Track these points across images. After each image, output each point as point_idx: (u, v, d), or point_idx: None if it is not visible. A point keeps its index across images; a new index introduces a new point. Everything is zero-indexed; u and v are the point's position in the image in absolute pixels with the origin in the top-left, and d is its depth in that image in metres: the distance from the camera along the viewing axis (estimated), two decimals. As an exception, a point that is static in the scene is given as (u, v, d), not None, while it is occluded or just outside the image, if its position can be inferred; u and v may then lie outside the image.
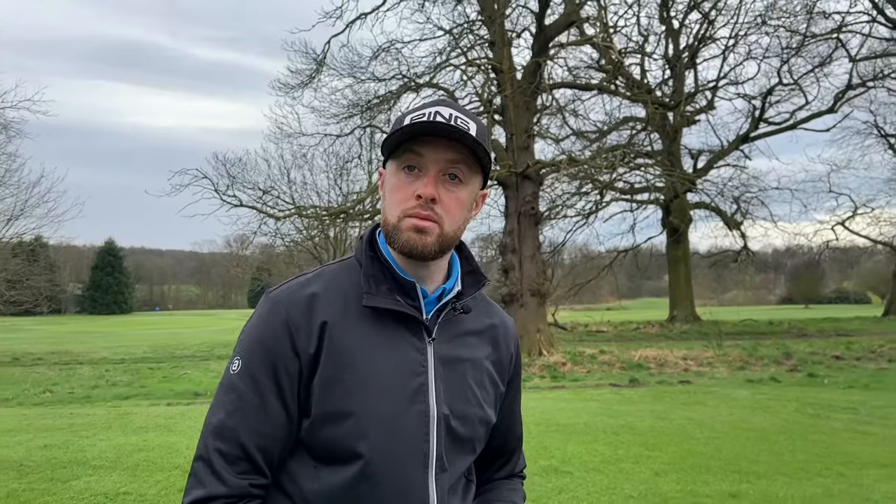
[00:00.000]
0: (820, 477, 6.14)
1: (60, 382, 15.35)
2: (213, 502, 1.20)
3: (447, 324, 1.36)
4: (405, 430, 1.26)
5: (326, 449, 1.25)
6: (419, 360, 1.30)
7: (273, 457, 1.25)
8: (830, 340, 22.98)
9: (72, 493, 5.48)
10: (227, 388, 1.25)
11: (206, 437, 1.24)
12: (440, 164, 1.27)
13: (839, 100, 27.79)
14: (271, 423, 1.23)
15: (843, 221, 33.91)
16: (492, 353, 1.43)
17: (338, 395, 1.23)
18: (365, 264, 1.33)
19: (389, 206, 1.29)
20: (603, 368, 16.38)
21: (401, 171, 1.28)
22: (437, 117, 1.25)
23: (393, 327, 1.30)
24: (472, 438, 1.36)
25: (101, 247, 76.26)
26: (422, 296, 1.33)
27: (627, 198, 30.91)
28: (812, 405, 10.37)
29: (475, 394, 1.37)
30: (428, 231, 1.26)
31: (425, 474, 1.27)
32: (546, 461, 6.66)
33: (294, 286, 1.31)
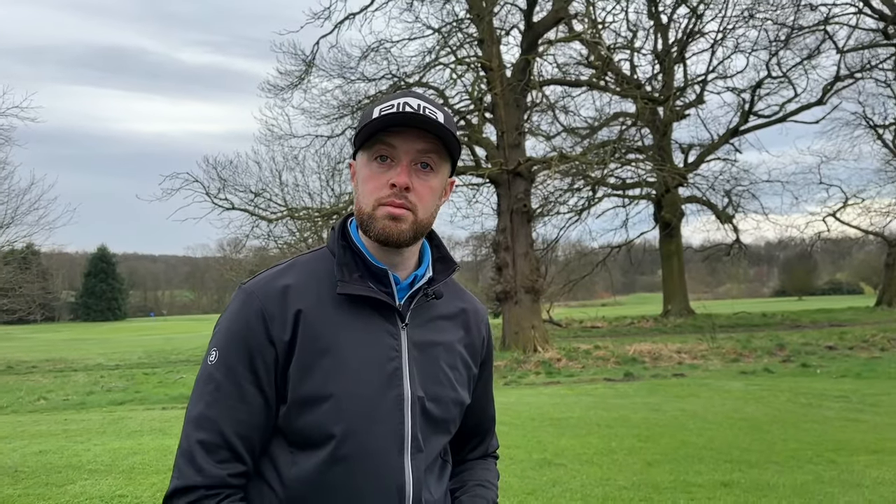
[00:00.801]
0: (811, 464, 6.20)
1: (55, 389, 15.31)
2: (190, 492, 1.23)
3: (419, 309, 1.39)
4: (381, 414, 1.29)
5: (303, 434, 1.27)
6: (393, 345, 1.33)
7: (253, 444, 1.28)
8: (824, 331, 23.08)
9: (67, 497, 5.49)
10: (206, 380, 1.28)
11: (187, 429, 1.27)
12: (412, 153, 1.30)
13: (828, 91, 27.91)
14: (249, 412, 1.26)
15: (834, 213, 34.05)
16: (464, 337, 1.47)
17: (313, 381, 1.26)
18: (338, 254, 1.35)
19: (363, 195, 1.32)
20: (598, 363, 16.44)
21: (373, 162, 1.31)
22: (406, 108, 1.28)
23: (367, 314, 1.33)
24: (447, 419, 1.40)
25: (93, 253, 75.99)
26: (394, 282, 1.36)
27: (619, 193, 30.96)
28: (805, 395, 10.44)
29: (448, 376, 1.40)
30: (402, 218, 1.29)
31: (401, 455, 1.31)
32: (540, 455, 6.70)
33: (267, 277, 1.34)
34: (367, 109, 1.34)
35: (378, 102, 1.33)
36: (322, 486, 1.26)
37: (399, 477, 1.30)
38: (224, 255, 45.80)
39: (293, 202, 22.47)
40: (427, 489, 1.35)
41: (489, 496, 1.51)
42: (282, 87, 21.18)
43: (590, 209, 27.87)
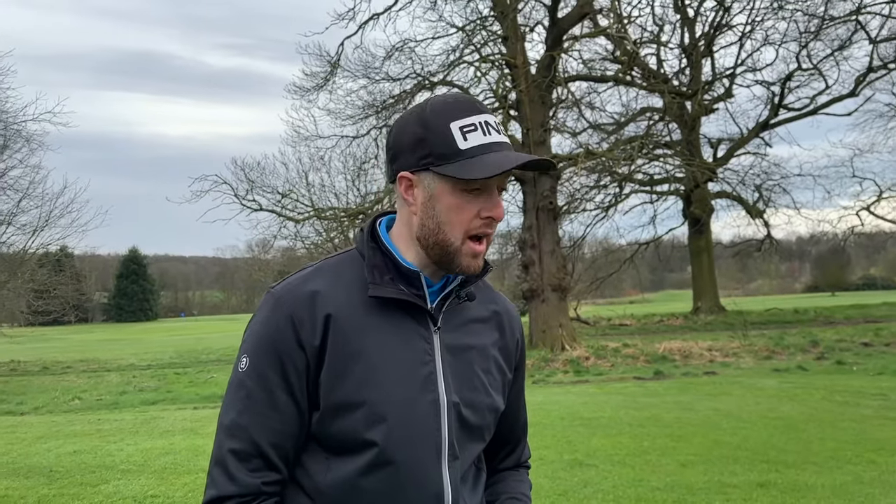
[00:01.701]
0: (850, 465, 6.05)
1: (89, 390, 15.57)
2: (224, 502, 1.21)
3: (452, 312, 1.35)
4: (417, 419, 1.25)
5: (338, 440, 1.24)
6: (426, 348, 1.30)
7: (287, 452, 1.25)
8: (858, 327, 22.62)
9: (101, 496, 5.55)
10: (237, 387, 1.25)
11: (220, 438, 1.25)
12: (500, 181, 1.29)
13: (860, 83, 27.34)
14: (282, 419, 1.23)
15: (867, 206, 33.28)
16: (498, 340, 1.43)
17: (348, 386, 1.23)
18: (368, 256, 1.32)
19: (450, 225, 1.26)
20: (627, 362, 16.27)
21: (462, 192, 1.26)
22: (491, 131, 1.26)
23: (398, 317, 1.29)
24: (482, 426, 1.36)
25: (125, 255, 77.25)
26: (426, 285, 1.32)
27: (647, 189, 30.66)
28: (841, 393, 10.22)
29: (483, 381, 1.36)
30: (481, 254, 1.31)
31: (439, 463, 1.27)
32: (570, 455, 6.63)
33: (296, 281, 1.30)
34: (439, 123, 1.25)
35: (451, 115, 1.26)
36: (359, 494, 1.23)
37: (437, 485, 1.27)
38: (253, 255, 46.24)
39: (319, 202, 22.62)
40: (463, 498, 1.31)
41: None
42: (307, 88, 21.32)
43: (617, 206, 27.59)
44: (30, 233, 21.97)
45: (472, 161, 1.22)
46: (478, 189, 1.26)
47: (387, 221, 1.39)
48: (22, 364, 23.41)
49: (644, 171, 28.18)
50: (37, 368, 21.92)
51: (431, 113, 1.27)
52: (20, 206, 21.67)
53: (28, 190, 21.66)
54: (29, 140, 21.22)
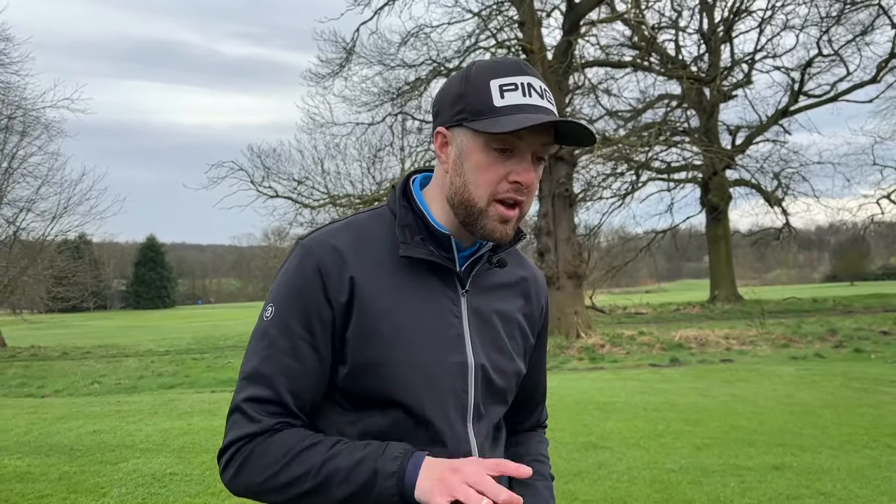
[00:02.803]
0: (867, 449, 6.02)
1: (108, 374, 15.76)
2: (243, 440, 1.21)
3: (480, 276, 1.34)
4: (445, 379, 1.26)
5: (366, 398, 1.25)
6: (454, 310, 1.29)
7: (305, 402, 1.25)
8: (877, 316, 22.40)
9: (120, 474, 5.64)
10: (261, 336, 1.26)
11: (240, 386, 1.25)
12: (535, 146, 1.23)
13: (882, 69, 26.90)
14: (303, 370, 1.23)
15: (888, 195, 32.83)
16: (524, 306, 1.43)
17: (374, 346, 1.23)
18: (399, 214, 1.30)
19: (476, 185, 1.23)
20: (642, 349, 16.23)
21: (492, 150, 1.22)
22: (533, 94, 1.21)
23: (427, 278, 1.29)
24: (506, 389, 1.37)
25: (142, 243, 78.04)
26: (456, 248, 1.31)
27: (664, 177, 30.43)
28: (858, 379, 10.15)
29: (507, 346, 1.36)
30: (511, 220, 1.25)
31: (465, 422, 1.28)
32: (585, 437, 6.64)
33: (327, 234, 1.29)
34: (479, 78, 1.23)
35: (490, 71, 1.23)
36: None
37: (465, 445, 1.27)
38: (269, 243, 46.51)
39: (335, 190, 22.70)
40: (487, 457, 1.32)
41: (545, 471, 1.48)
42: (323, 74, 21.34)
43: (633, 194, 27.41)
44: (49, 219, 22.32)
45: (503, 118, 1.19)
46: (509, 150, 1.21)
47: (421, 179, 1.38)
48: (42, 349, 23.74)
49: (661, 159, 28.01)
50: (57, 354, 22.22)
51: (475, 70, 1.25)
52: (39, 192, 22.02)
53: (47, 177, 21.99)
54: (48, 127, 21.51)
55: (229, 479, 1.22)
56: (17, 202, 22.05)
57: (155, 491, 5.18)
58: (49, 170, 21.95)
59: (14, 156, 21.49)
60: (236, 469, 1.21)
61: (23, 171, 21.78)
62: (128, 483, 5.38)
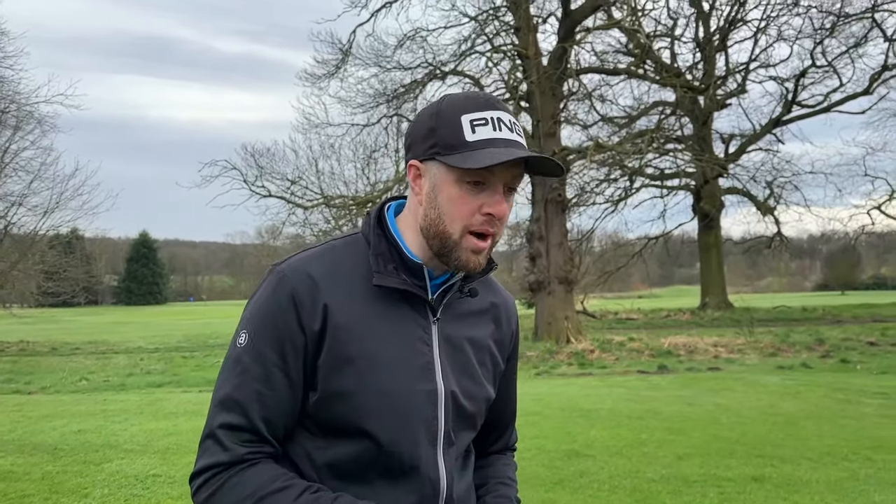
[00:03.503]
0: (846, 461, 6.07)
1: (96, 371, 15.74)
2: (215, 468, 1.23)
3: (451, 304, 1.37)
4: (414, 407, 1.28)
5: (336, 425, 1.27)
6: (424, 338, 1.32)
7: (278, 428, 1.27)
8: (865, 326, 22.54)
9: (104, 475, 5.65)
10: (234, 362, 1.28)
11: (213, 411, 1.27)
12: (506, 179, 1.27)
13: (875, 81, 27.07)
14: (276, 397, 1.25)
15: (879, 206, 32.98)
16: (494, 332, 1.45)
17: (344, 374, 1.25)
18: (374, 243, 1.32)
19: (451, 217, 1.26)
20: (631, 356, 16.30)
21: (465, 183, 1.25)
22: (502, 128, 1.25)
23: (399, 306, 1.31)
24: (475, 415, 1.40)
25: (135, 239, 77.70)
26: (428, 277, 1.33)
27: (657, 184, 30.54)
28: (842, 391, 10.22)
29: (478, 372, 1.39)
30: (483, 251, 1.29)
31: (434, 449, 1.31)
32: (569, 445, 6.67)
33: (300, 261, 1.31)
34: (451, 115, 1.26)
35: (463, 108, 1.26)
36: (356, 476, 1.27)
37: (434, 471, 1.30)
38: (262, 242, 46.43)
39: (329, 190, 22.72)
40: (456, 482, 1.35)
41: (511, 494, 1.50)
42: (319, 75, 21.38)
43: (626, 200, 27.48)
44: (41, 214, 22.22)
45: (475, 153, 1.22)
46: (482, 183, 1.24)
47: (395, 207, 1.40)
48: (31, 344, 23.66)
49: (654, 166, 28.10)
50: (45, 349, 22.16)
51: (446, 106, 1.28)
52: (31, 187, 21.93)
53: (39, 171, 21.90)
54: (41, 122, 21.45)
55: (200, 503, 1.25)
56: (8, 196, 21.98)
57: (137, 493, 5.20)
58: (42, 164, 21.89)
59: (6, 150, 21.41)
60: (205, 499, 1.24)
61: (15, 165, 21.70)
62: (110, 484, 5.39)
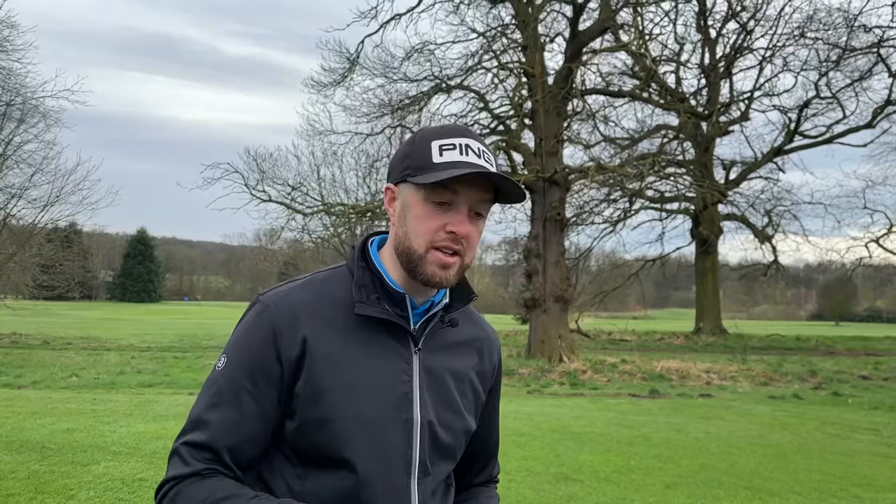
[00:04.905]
0: (835, 498, 6.06)
1: (87, 367, 15.68)
2: (175, 481, 1.26)
3: (433, 335, 1.40)
4: (390, 437, 1.31)
5: (312, 453, 1.30)
6: (405, 369, 1.34)
7: (242, 456, 1.30)
8: (859, 359, 22.56)
9: (90, 476, 5.62)
10: (210, 384, 1.32)
11: (185, 428, 1.31)
12: (472, 202, 1.31)
13: (878, 115, 27.27)
14: (246, 423, 1.28)
15: (877, 238, 33.17)
16: (477, 364, 1.48)
17: (324, 402, 1.28)
18: (357, 274, 1.36)
19: (416, 234, 1.31)
20: (623, 378, 16.28)
21: (430, 203, 1.30)
22: (469, 153, 1.30)
23: (380, 336, 1.34)
24: (454, 446, 1.41)
25: (133, 235, 77.62)
26: (410, 307, 1.37)
27: (657, 206, 30.66)
28: (833, 425, 10.21)
29: (458, 403, 1.41)
30: (451, 266, 1.32)
31: (408, 479, 1.32)
32: (557, 468, 6.66)
33: (284, 292, 1.36)
34: (422, 142, 1.33)
35: (434, 135, 1.33)
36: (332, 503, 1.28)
37: (405, 500, 1.31)
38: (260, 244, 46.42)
39: (329, 197, 22.76)
40: None
41: None
42: (325, 83, 21.43)
43: (625, 221, 27.60)
44: (40, 207, 22.21)
45: (438, 172, 1.28)
46: (447, 204, 1.30)
47: (379, 241, 1.45)
48: (23, 337, 23.58)
49: (655, 188, 28.19)
50: (37, 342, 22.08)
51: (420, 134, 1.36)
52: (32, 180, 21.92)
53: (41, 165, 21.92)
54: (46, 116, 21.48)
55: None
56: (8, 189, 21.98)
57: (123, 497, 5.17)
58: (44, 158, 21.91)
59: (9, 142, 21.43)
60: None
61: (17, 158, 21.71)
62: (96, 487, 5.37)
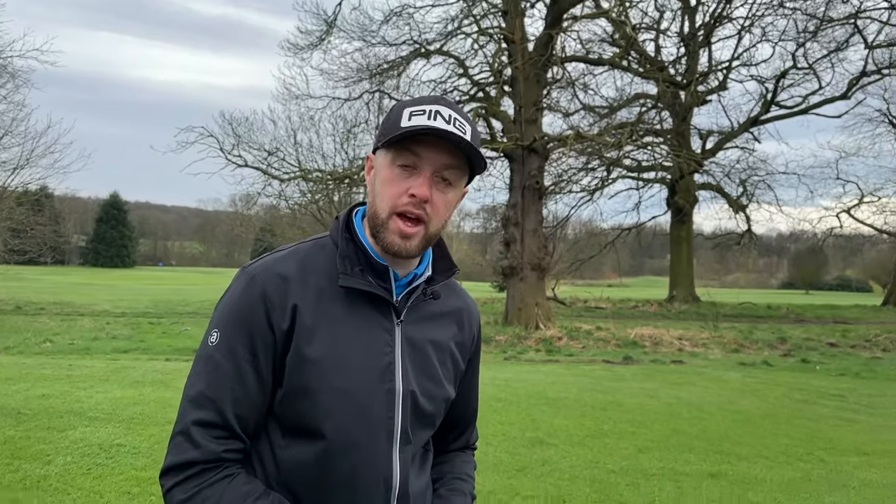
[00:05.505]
0: (801, 462, 6.25)
1: (61, 333, 15.54)
2: (188, 467, 1.27)
3: (416, 306, 1.42)
4: (372, 407, 1.33)
5: (297, 422, 1.31)
6: (387, 340, 1.37)
7: (249, 424, 1.32)
8: (827, 327, 23.05)
9: (67, 442, 5.62)
10: (206, 360, 1.31)
11: (185, 408, 1.30)
12: (436, 166, 1.31)
13: (853, 86, 27.49)
14: (247, 393, 1.29)
15: (848, 209, 33.78)
16: (457, 334, 1.50)
17: (308, 373, 1.29)
18: (341, 246, 1.37)
19: (381, 198, 1.33)
20: (598, 345, 16.51)
21: (395, 166, 1.31)
22: (438, 118, 1.29)
23: (364, 308, 1.35)
24: (434, 414, 1.44)
25: (105, 200, 76.37)
26: (393, 279, 1.38)
27: (634, 175, 30.81)
28: (801, 391, 10.48)
29: (438, 373, 1.44)
30: (412, 236, 1.32)
31: (390, 447, 1.35)
32: (533, 433, 6.78)
33: (270, 262, 1.36)
34: (396, 109, 1.34)
35: (408, 104, 1.33)
36: (313, 472, 1.31)
37: (387, 468, 1.34)
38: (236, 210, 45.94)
39: (306, 163, 22.46)
40: (410, 479, 1.39)
41: (466, 489, 1.56)
42: (302, 46, 21.08)
43: (603, 190, 27.69)
44: (10, 170, 21.74)
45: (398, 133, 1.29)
46: (412, 167, 1.30)
47: (363, 212, 1.44)
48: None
49: (632, 157, 28.28)
50: (10, 307, 21.80)
51: (397, 105, 1.37)
52: (2, 142, 21.42)
53: (10, 127, 21.39)
54: (14, 76, 20.93)
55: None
56: (-23, 151, 21.46)
57: (101, 462, 5.18)
58: (13, 120, 21.38)
59: (-23, 103, 20.88)
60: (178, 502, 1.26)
61: (-15, 119, 21.17)
62: (73, 452, 5.37)
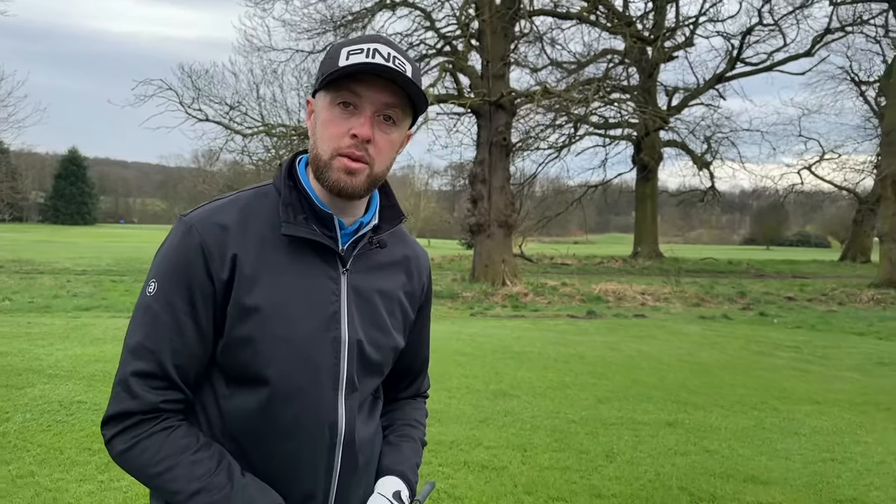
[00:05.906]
0: (755, 410, 6.45)
1: (20, 291, 15.22)
2: (126, 418, 1.25)
3: (362, 255, 1.40)
4: (316, 355, 1.31)
5: (240, 372, 1.30)
6: (333, 289, 1.34)
7: (189, 374, 1.30)
8: (786, 282, 23.63)
9: (26, 399, 5.55)
10: (144, 310, 1.28)
11: (125, 359, 1.28)
12: (377, 105, 1.28)
13: (817, 43, 27.75)
14: (186, 343, 1.27)
15: (809, 166, 34.41)
16: (405, 283, 1.48)
17: (251, 321, 1.27)
18: (284, 193, 1.34)
19: (322, 140, 1.29)
20: (563, 300, 16.72)
21: (335, 107, 1.28)
22: (377, 56, 1.25)
23: (308, 257, 1.33)
24: (382, 363, 1.43)
25: (64, 155, 74.34)
26: (339, 227, 1.35)
27: (601, 132, 30.86)
28: (758, 343, 10.77)
29: (386, 321, 1.43)
30: (358, 172, 1.29)
31: (335, 394, 1.34)
32: (496, 385, 6.88)
33: (209, 211, 1.32)
34: (334, 49, 1.30)
35: (346, 44, 1.29)
36: (257, 421, 1.30)
37: (332, 415, 1.33)
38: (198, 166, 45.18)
39: (270, 118, 22.01)
40: (357, 426, 1.39)
41: (416, 435, 1.57)
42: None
43: (570, 147, 27.75)
44: (-39, 125, 20.99)
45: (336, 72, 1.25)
46: (351, 106, 1.27)
47: (307, 159, 1.40)
48: (-50, 260, 22.68)
49: (599, 114, 28.30)
50: (-34, 266, 21.28)
51: (335, 45, 1.32)
52: (-49, 95, 20.61)
53: (-41, 79, 20.57)
54: (-39, 25, 20.05)
55: (115, 456, 1.28)
56: (-76, 103, 20.66)
57: (61, 418, 5.14)
58: (-38, 71, 20.57)
59: (-78, 53, 20.00)
60: (119, 452, 1.26)
61: (-69, 70, 20.32)
62: (33, 409, 5.31)
